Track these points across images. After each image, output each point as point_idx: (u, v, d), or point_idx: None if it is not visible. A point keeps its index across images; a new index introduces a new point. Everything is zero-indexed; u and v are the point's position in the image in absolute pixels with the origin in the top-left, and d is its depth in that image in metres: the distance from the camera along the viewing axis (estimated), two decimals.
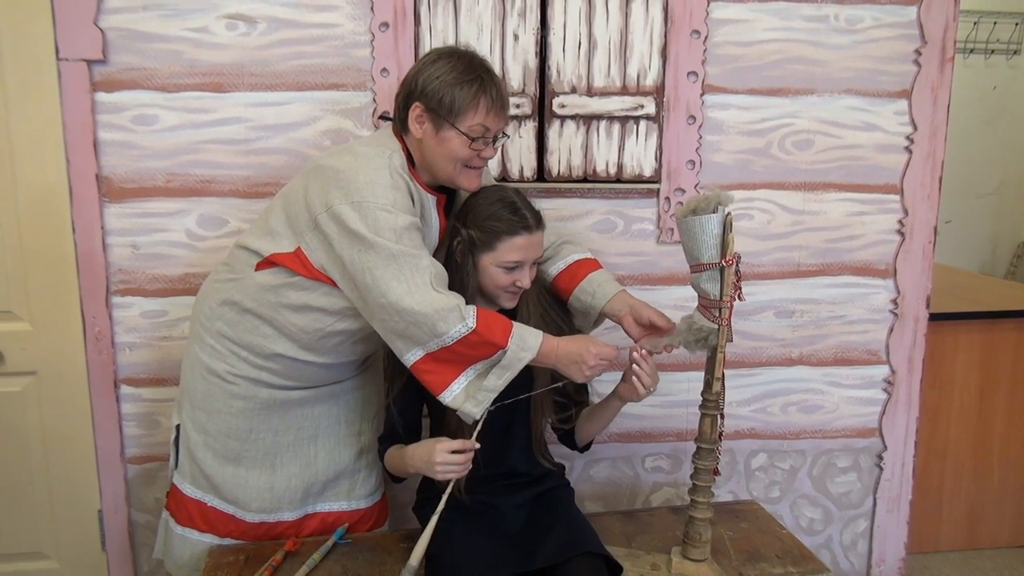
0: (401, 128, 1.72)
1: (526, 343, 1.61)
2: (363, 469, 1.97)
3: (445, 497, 1.64)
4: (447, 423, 1.76)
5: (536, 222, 1.72)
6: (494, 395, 1.62)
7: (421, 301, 1.56)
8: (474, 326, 1.57)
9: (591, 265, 1.90)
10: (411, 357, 1.62)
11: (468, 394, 1.62)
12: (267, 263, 1.72)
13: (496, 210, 1.70)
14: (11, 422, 2.19)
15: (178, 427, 1.90)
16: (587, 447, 1.93)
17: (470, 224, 1.72)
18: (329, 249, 1.64)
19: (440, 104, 1.64)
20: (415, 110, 1.67)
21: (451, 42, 2.09)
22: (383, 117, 1.84)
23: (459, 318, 1.57)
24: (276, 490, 1.88)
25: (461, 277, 1.73)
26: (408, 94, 1.69)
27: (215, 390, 1.82)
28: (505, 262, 1.71)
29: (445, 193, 1.79)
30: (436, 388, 1.63)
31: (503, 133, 1.74)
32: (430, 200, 1.75)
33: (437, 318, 1.56)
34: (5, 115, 2.05)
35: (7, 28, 2.01)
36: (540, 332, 1.64)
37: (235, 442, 1.85)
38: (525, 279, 1.73)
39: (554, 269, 1.90)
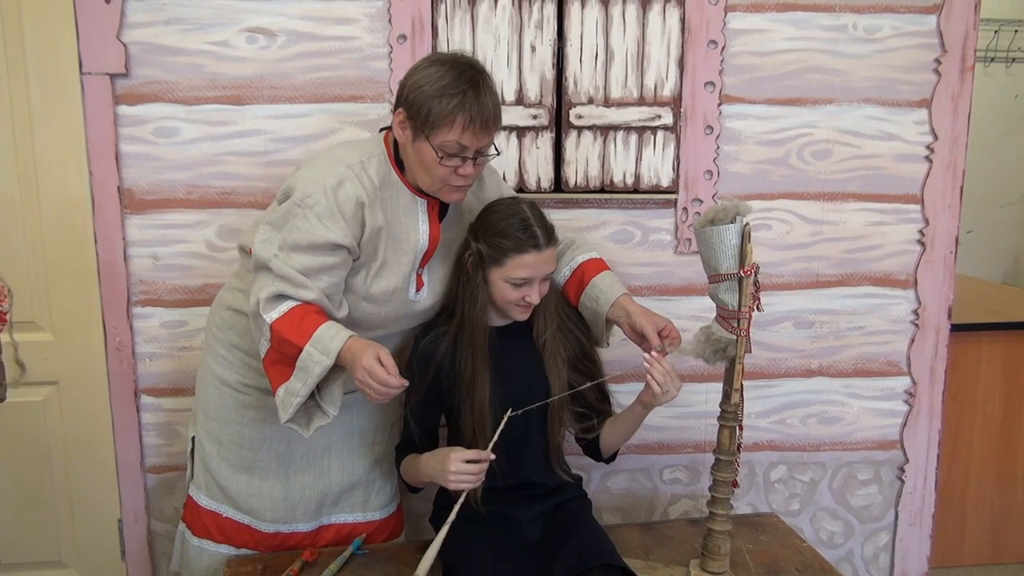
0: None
1: (325, 347, 1.55)
2: (378, 480, 1.97)
3: (457, 507, 1.63)
4: (463, 433, 1.76)
5: (547, 240, 1.70)
6: (296, 399, 1.58)
7: (255, 302, 1.60)
8: (270, 323, 1.57)
9: (595, 267, 1.87)
10: (261, 354, 1.63)
11: (282, 400, 1.60)
12: None
13: (506, 226, 1.69)
14: (32, 431, 2.21)
15: (193, 439, 1.91)
16: (612, 457, 1.92)
17: (480, 238, 1.72)
18: None
19: (418, 114, 1.59)
20: (399, 115, 1.63)
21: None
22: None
23: (260, 313, 1.58)
24: (290, 500, 1.88)
25: (471, 290, 1.74)
26: (397, 98, 1.65)
27: (227, 400, 1.83)
28: (513, 278, 1.70)
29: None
30: (272, 389, 1.62)
31: (490, 151, 1.67)
32: (419, 204, 1.72)
33: (255, 315, 1.60)
34: (30, 128, 2.08)
35: (32, 43, 2.04)
36: (346, 336, 1.57)
37: (248, 452, 1.85)
38: (534, 295, 1.72)
39: (561, 277, 1.88)
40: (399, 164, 1.71)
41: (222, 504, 1.88)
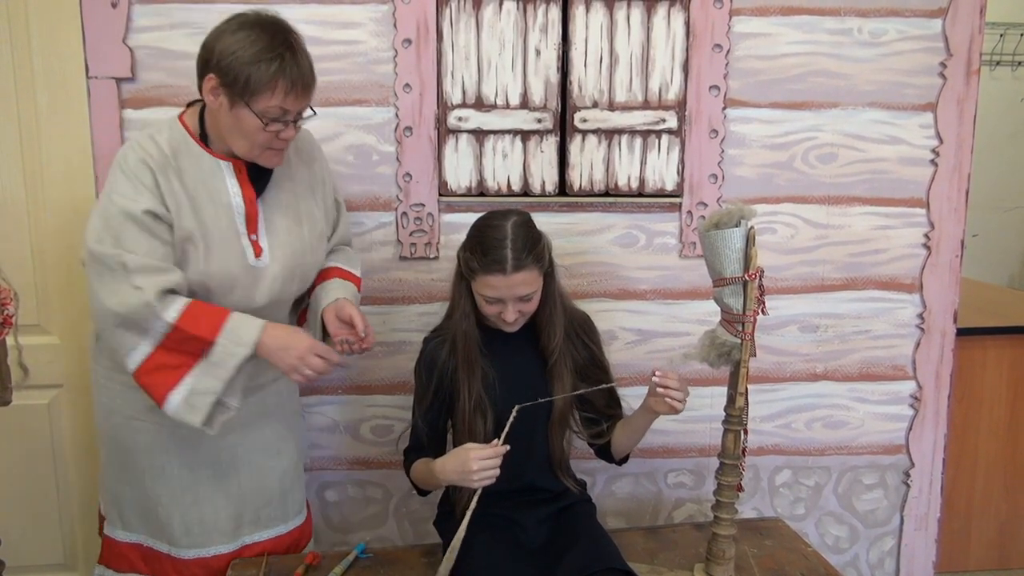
0: (199, 93, 1.62)
1: (240, 337, 1.54)
2: (288, 491, 1.89)
3: (473, 505, 1.62)
4: (456, 439, 1.78)
5: (516, 265, 1.64)
6: (210, 398, 1.56)
7: (119, 302, 1.52)
8: (172, 321, 1.52)
9: (339, 274, 1.84)
10: (131, 365, 1.56)
11: (188, 402, 1.56)
12: None
13: (482, 242, 1.67)
14: (38, 434, 2.22)
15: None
16: (625, 459, 1.91)
17: (465, 246, 1.72)
18: None
19: (235, 81, 1.53)
20: (209, 81, 1.56)
21: (472, 58, 2.11)
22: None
23: (154, 314, 1.51)
24: (205, 524, 1.79)
25: (458, 296, 1.75)
26: (205, 62, 1.56)
27: (120, 430, 1.76)
28: (482, 295, 1.70)
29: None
30: (158, 399, 1.56)
31: (307, 112, 1.65)
32: (223, 167, 1.66)
33: (136, 316, 1.52)
34: (36, 131, 2.08)
35: (39, 47, 2.05)
36: (261, 323, 1.57)
37: (151, 481, 1.77)
38: (508, 314, 1.69)
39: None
40: (203, 136, 1.67)
41: (141, 534, 1.81)
